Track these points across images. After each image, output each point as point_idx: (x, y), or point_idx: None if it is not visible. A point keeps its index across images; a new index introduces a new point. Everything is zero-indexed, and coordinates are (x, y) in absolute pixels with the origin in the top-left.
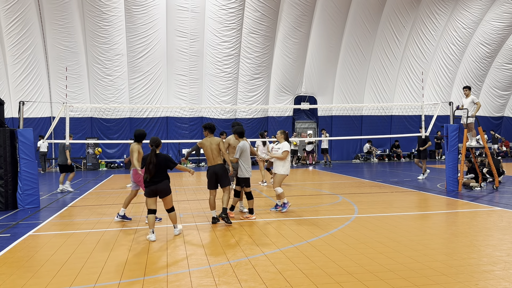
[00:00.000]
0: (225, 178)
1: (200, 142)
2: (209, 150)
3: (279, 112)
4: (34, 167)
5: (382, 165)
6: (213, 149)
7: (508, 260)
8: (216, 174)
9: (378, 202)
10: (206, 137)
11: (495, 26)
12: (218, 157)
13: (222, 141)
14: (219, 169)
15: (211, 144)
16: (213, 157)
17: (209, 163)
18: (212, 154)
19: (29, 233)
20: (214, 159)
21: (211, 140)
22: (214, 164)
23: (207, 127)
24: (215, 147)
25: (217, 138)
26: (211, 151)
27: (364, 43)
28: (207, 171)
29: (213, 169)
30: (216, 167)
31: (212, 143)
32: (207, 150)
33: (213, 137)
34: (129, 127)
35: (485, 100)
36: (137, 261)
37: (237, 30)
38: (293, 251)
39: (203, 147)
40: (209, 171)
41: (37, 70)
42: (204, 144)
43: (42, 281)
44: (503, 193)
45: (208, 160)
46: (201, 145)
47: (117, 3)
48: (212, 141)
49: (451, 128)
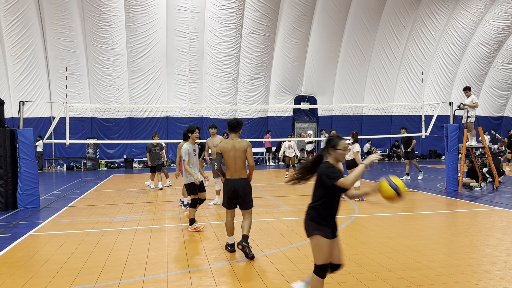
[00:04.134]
0: (249, 198)
1: (221, 147)
2: (231, 157)
3: (279, 112)
4: (34, 167)
5: (382, 165)
6: (237, 157)
7: (508, 260)
8: (236, 192)
9: (378, 202)
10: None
11: (495, 26)
12: (243, 169)
13: (251, 146)
14: (243, 185)
15: (235, 149)
16: (235, 167)
17: (229, 175)
18: (235, 163)
19: (29, 233)
20: (237, 171)
21: (234, 143)
22: (236, 178)
23: (231, 124)
24: (241, 155)
25: (244, 141)
26: (234, 159)
27: (364, 43)
28: (225, 185)
29: (234, 184)
30: (239, 182)
31: (237, 148)
32: (229, 158)
33: (239, 140)
34: (129, 127)
35: (485, 100)
36: (137, 261)
37: (237, 30)
38: (293, 251)
39: (224, 155)
40: (228, 185)
41: (37, 70)
42: (225, 148)
43: (42, 281)
44: (503, 193)
45: (228, 170)
46: (222, 150)
47: (117, 3)
48: (236, 145)
49: (451, 128)
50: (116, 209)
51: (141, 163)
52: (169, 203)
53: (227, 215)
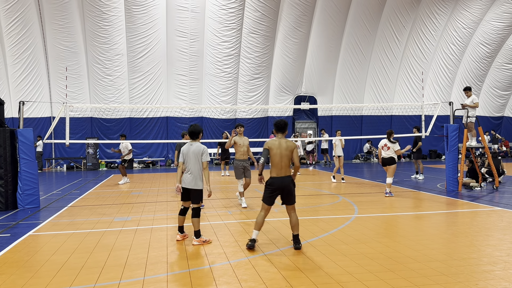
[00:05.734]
0: (293, 194)
1: (269, 144)
2: (278, 156)
3: (279, 112)
4: (34, 167)
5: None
6: (283, 156)
7: (508, 260)
8: (281, 189)
9: (378, 202)
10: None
11: (495, 26)
12: (288, 167)
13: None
14: (288, 183)
15: (282, 148)
16: (281, 165)
17: (274, 173)
18: (282, 161)
19: (29, 233)
20: (283, 168)
21: (282, 142)
22: (282, 176)
23: (279, 125)
24: (288, 154)
25: (292, 141)
26: (281, 157)
27: (364, 43)
28: (270, 183)
29: (281, 182)
30: (285, 180)
31: (284, 147)
32: (276, 156)
33: (286, 140)
34: (129, 127)
35: (485, 100)
36: (137, 261)
37: (237, 30)
38: (293, 251)
39: (271, 151)
40: (275, 183)
41: (37, 70)
42: (273, 145)
43: (42, 281)
44: (503, 193)
45: (274, 169)
46: (269, 147)
47: (117, 3)
48: (283, 144)
49: (451, 128)
50: (116, 209)
51: (141, 163)
52: (169, 203)
53: (262, 210)
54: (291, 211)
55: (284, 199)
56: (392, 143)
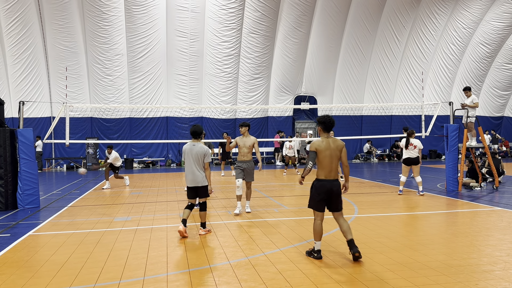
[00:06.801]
0: (341, 199)
1: (317, 146)
2: (328, 158)
3: (279, 112)
4: (34, 167)
5: (382, 165)
6: (333, 156)
7: (508, 260)
8: (331, 193)
9: (378, 202)
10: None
11: (495, 26)
12: (337, 170)
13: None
14: (338, 187)
15: (331, 148)
16: (331, 167)
17: (323, 175)
18: (332, 163)
19: (29, 233)
20: (333, 171)
21: (330, 142)
22: (332, 179)
23: (328, 123)
24: (338, 154)
25: (339, 140)
26: (331, 158)
27: (364, 43)
28: (318, 186)
29: (331, 185)
30: (335, 183)
31: (333, 147)
32: (325, 157)
33: (335, 139)
34: (129, 127)
35: (485, 100)
36: (137, 261)
37: (237, 30)
38: (293, 251)
39: (319, 154)
40: (325, 186)
41: (37, 70)
42: (321, 147)
43: (42, 281)
44: (503, 193)
45: (322, 171)
46: (317, 149)
47: (117, 3)
48: (332, 144)
49: (451, 128)
50: (116, 209)
51: (141, 163)
52: (169, 203)
53: (317, 218)
54: (340, 217)
55: (332, 205)
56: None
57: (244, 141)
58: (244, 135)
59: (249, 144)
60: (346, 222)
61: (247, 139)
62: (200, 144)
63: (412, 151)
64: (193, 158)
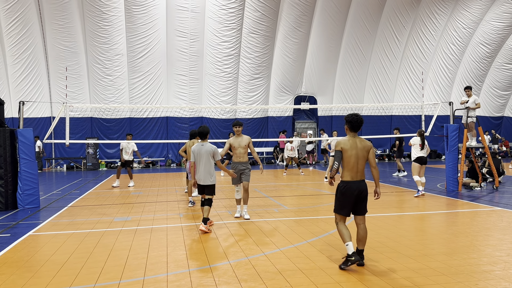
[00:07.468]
0: (366, 202)
1: (342, 145)
2: (354, 158)
3: (279, 112)
4: (34, 167)
5: (382, 165)
6: (360, 157)
7: (508, 260)
8: (358, 196)
9: (378, 202)
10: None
11: (495, 26)
12: (364, 170)
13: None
14: (365, 188)
15: (357, 148)
16: (358, 168)
17: (349, 176)
18: (358, 163)
19: (29, 233)
20: (359, 172)
21: (356, 141)
22: (359, 180)
23: (351, 121)
24: (364, 154)
25: (366, 140)
26: (357, 159)
27: (364, 43)
28: (344, 189)
29: (358, 186)
30: (362, 184)
31: (359, 148)
32: (351, 158)
33: (362, 139)
34: (129, 127)
35: (485, 100)
36: (137, 261)
37: (237, 30)
38: (293, 251)
39: (345, 153)
40: (352, 187)
41: (37, 70)
42: (346, 146)
43: (42, 281)
44: (503, 193)
45: (348, 172)
46: (343, 148)
47: (117, 3)
48: (358, 144)
49: (451, 128)
50: (116, 209)
51: (141, 163)
52: (169, 203)
53: (340, 221)
54: (361, 222)
55: (357, 208)
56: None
57: (239, 142)
58: (239, 135)
59: (245, 144)
60: (366, 231)
61: (242, 139)
62: (208, 143)
63: (424, 150)
64: (203, 157)
